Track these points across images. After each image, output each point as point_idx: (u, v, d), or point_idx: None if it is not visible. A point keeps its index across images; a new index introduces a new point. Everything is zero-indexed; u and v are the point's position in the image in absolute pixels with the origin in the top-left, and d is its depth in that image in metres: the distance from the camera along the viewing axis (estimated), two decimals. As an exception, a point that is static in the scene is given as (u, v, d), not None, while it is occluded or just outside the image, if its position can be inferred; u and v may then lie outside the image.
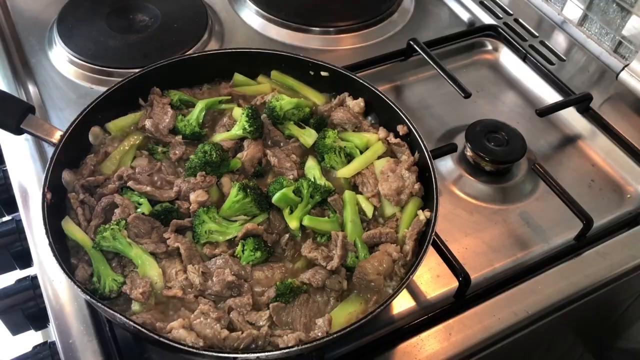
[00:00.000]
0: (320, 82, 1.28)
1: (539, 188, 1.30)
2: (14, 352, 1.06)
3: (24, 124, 1.10)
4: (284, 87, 1.29)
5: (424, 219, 1.06)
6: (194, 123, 1.18)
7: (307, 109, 1.22)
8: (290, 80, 1.29)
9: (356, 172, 1.14)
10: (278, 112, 1.18)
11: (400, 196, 1.09)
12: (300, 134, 1.19)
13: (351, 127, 1.21)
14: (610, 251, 1.19)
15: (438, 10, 1.74)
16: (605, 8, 1.55)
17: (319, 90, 1.28)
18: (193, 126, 1.17)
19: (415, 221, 1.06)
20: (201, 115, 1.19)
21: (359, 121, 1.21)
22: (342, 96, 1.25)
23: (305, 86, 1.28)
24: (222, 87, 1.27)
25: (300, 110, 1.21)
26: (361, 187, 1.13)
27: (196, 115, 1.19)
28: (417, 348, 1.03)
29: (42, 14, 1.61)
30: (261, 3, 1.65)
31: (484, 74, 1.58)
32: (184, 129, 1.17)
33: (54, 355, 1.03)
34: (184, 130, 1.17)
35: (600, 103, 1.47)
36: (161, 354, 1.00)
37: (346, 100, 1.24)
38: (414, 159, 1.13)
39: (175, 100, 1.22)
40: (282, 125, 1.20)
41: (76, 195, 1.06)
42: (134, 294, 0.95)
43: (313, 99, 1.27)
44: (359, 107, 1.22)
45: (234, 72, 1.29)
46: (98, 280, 0.97)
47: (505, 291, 1.11)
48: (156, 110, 1.19)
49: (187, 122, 1.18)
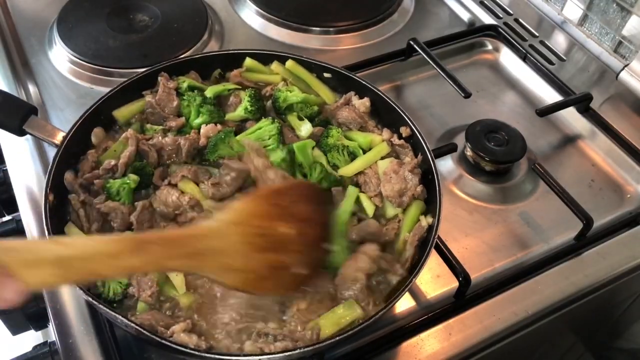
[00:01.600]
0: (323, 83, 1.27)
1: (539, 188, 1.30)
2: (14, 352, 1.06)
3: (27, 125, 1.10)
4: (298, 80, 1.27)
5: (426, 225, 1.05)
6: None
7: (315, 108, 1.22)
8: (303, 72, 1.27)
9: (358, 172, 1.14)
10: (280, 103, 1.19)
11: (402, 198, 1.08)
12: (297, 125, 1.19)
13: (356, 126, 1.20)
14: (610, 251, 1.19)
15: (438, 10, 1.74)
16: (605, 8, 1.55)
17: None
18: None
19: (417, 227, 1.05)
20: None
21: (364, 121, 1.21)
22: (348, 95, 1.24)
23: (318, 81, 1.27)
24: (233, 74, 1.26)
25: (308, 106, 1.21)
26: (364, 186, 1.13)
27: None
28: (417, 348, 1.03)
29: (42, 14, 1.61)
30: (261, 3, 1.65)
31: (484, 74, 1.58)
32: (186, 111, 1.18)
33: (54, 355, 1.03)
34: (187, 113, 1.18)
35: (600, 103, 1.47)
36: (161, 354, 1.00)
37: (352, 99, 1.23)
38: (417, 161, 1.12)
39: (184, 87, 1.20)
40: (285, 115, 1.21)
41: (77, 196, 1.06)
42: (143, 296, 0.95)
43: (323, 96, 1.26)
44: (365, 106, 1.21)
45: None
46: (102, 284, 0.96)
47: (505, 291, 1.11)
48: (162, 97, 1.18)
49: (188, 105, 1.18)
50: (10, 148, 1.28)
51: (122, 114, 1.18)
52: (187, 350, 0.86)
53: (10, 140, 1.28)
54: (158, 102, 1.18)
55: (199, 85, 1.22)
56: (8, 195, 1.26)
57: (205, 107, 1.17)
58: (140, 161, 1.10)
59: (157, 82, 1.20)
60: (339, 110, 1.22)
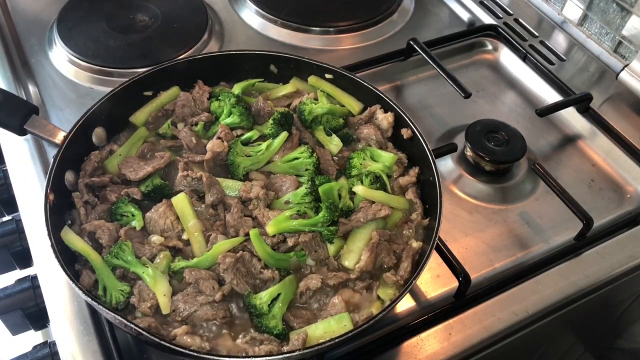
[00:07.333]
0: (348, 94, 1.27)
1: (539, 188, 1.30)
2: (14, 352, 1.06)
3: (28, 124, 1.11)
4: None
5: (417, 247, 1.05)
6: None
7: (341, 120, 1.22)
8: (326, 86, 1.26)
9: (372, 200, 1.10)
10: (306, 116, 1.19)
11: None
12: (327, 141, 1.19)
13: (376, 144, 1.19)
14: (610, 251, 1.19)
15: (438, 10, 1.74)
16: (605, 8, 1.55)
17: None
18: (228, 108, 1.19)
19: (408, 248, 1.05)
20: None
21: (384, 142, 1.20)
22: (373, 108, 1.22)
23: (343, 93, 1.26)
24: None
25: (334, 118, 1.21)
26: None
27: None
28: (417, 348, 1.03)
29: (42, 14, 1.61)
30: (261, 3, 1.65)
31: (484, 74, 1.58)
32: (218, 111, 1.20)
33: (54, 355, 1.03)
34: (219, 112, 1.20)
35: (600, 103, 1.47)
36: (161, 355, 1.00)
37: (377, 113, 1.22)
38: (421, 217, 1.10)
39: (217, 90, 1.25)
40: (312, 129, 1.21)
41: (80, 195, 1.06)
42: (142, 307, 0.94)
43: (349, 107, 1.25)
44: (388, 121, 1.20)
45: (231, 73, 1.28)
46: (104, 292, 0.96)
47: (505, 291, 1.11)
48: (195, 96, 1.23)
49: (221, 105, 1.20)
50: (10, 148, 1.27)
51: (139, 119, 1.19)
52: (189, 352, 0.87)
53: (11, 140, 1.28)
54: (194, 97, 1.22)
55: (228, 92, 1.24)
56: (8, 195, 1.26)
57: (237, 107, 1.17)
58: (162, 178, 1.10)
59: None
60: (361, 127, 1.22)
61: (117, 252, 0.98)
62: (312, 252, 1.03)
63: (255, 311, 0.95)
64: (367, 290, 1.01)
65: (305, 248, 1.03)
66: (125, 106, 1.19)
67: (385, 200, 1.09)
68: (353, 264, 1.02)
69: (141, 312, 0.95)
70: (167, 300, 0.95)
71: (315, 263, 1.04)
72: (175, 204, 1.05)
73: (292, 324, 0.97)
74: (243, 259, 1.00)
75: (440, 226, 1.01)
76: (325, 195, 1.05)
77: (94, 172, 1.10)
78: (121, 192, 1.07)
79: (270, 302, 0.96)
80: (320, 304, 1.00)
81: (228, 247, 1.01)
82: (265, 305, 0.95)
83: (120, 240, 1.00)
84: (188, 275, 0.98)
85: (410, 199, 1.12)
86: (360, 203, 1.08)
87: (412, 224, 1.09)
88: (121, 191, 1.07)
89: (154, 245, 1.01)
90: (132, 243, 1.00)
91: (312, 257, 1.03)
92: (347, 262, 1.03)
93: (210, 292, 0.96)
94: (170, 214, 1.04)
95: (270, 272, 1.00)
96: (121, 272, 0.99)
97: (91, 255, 0.98)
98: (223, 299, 0.97)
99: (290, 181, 1.10)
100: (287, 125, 1.17)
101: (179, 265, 0.99)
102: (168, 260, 1.00)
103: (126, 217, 1.04)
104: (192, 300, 0.96)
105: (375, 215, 1.05)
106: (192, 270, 0.98)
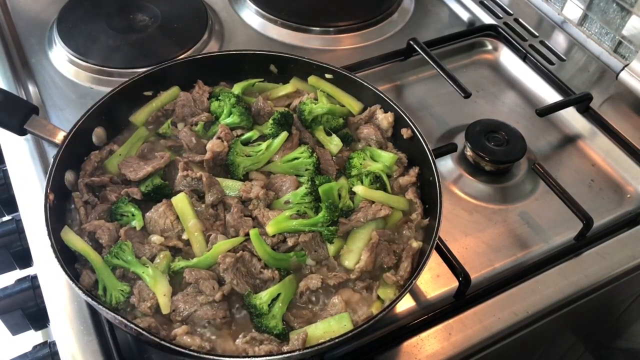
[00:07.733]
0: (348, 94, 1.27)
1: (539, 188, 1.30)
2: (14, 352, 1.06)
3: (28, 124, 1.11)
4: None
5: (417, 246, 1.05)
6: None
7: (341, 120, 1.22)
8: (326, 86, 1.26)
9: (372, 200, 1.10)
10: (306, 115, 1.19)
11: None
12: (327, 141, 1.19)
13: (376, 144, 1.19)
14: (610, 251, 1.19)
15: (438, 10, 1.74)
16: (605, 8, 1.55)
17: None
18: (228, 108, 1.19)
19: (408, 248, 1.05)
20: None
21: (384, 142, 1.20)
22: (373, 108, 1.22)
23: (343, 93, 1.26)
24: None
25: (334, 118, 1.21)
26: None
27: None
28: (417, 348, 1.03)
29: (42, 14, 1.61)
30: (261, 3, 1.65)
31: (484, 73, 1.58)
32: (218, 111, 1.20)
33: (54, 355, 1.03)
34: (219, 112, 1.20)
35: (600, 103, 1.47)
36: (161, 355, 1.00)
37: (377, 113, 1.22)
38: (421, 217, 1.11)
39: (217, 90, 1.25)
40: (312, 129, 1.21)
41: (80, 194, 1.06)
42: (142, 307, 0.95)
43: (348, 107, 1.25)
44: (388, 121, 1.20)
45: (231, 73, 1.28)
46: (104, 292, 0.96)
47: (505, 291, 1.11)
48: (195, 96, 1.23)
49: (221, 105, 1.20)
50: (10, 148, 1.27)
51: (139, 119, 1.19)
52: (189, 352, 0.87)
53: (10, 140, 1.28)
54: (194, 97, 1.22)
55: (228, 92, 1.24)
56: (8, 195, 1.26)
57: (237, 107, 1.17)
58: (162, 178, 1.10)
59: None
60: (361, 126, 1.22)
61: (117, 252, 0.98)
62: (312, 252, 1.03)
63: (255, 311, 0.95)
64: (367, 290, 1.01)
65: (305, 248, 1.03)
66: (125, 106, 1.19)
67: (385, 200, 1.09)
68: (353, 264, 1.02)
69: (141, 312, 0.95)
70: (167, 300, 0.95)
71: (315, 263, 1.04)
72: (175, 203, 1.05)
73: (292, 324, 0.97)
74: (243, 259, 1.00)
75: (440, 226, 1.01)
76: (325, 195, 1.05)
77: (94, 172, 1.10)
78: (121, 192, 1.07)
79: (270, 302, 0.96)
80: (320, 304, 1.00)
81: (228, 247, 1.01)
82: (265, 305, 0.95)
83: (120, 240, 1.00)
84: (188, 275, 0.98)
85: (410, 199, 1.12)
86: (360, 203, 1.08)
87: (412, 224, 1.09)
88: (121, 191, 1.07)
89: (154, 245, 1.01)
90: (132, 243, 1.00)
91: (312, 257, 1.03)
92: (347, 262, 1.03)
93: (210, 292, 0.96)
94: (170, 214, 1.04)
95: (270, 272, 1.00)
96: (121, 272, 0.99)
97: (91, 255, 0.98)
98: (223, 298, 0.97)
99: (290, 181, 1.10)
100: (287, 125, 1.17)
101: (179, 265, 0.99)
102: (168, 260, 1.00)
103: (126, 217, 1.04)
104: (192, 300, 0.96)
105: (375, 215, 1.05)
106: (192, 270, 0.98)
